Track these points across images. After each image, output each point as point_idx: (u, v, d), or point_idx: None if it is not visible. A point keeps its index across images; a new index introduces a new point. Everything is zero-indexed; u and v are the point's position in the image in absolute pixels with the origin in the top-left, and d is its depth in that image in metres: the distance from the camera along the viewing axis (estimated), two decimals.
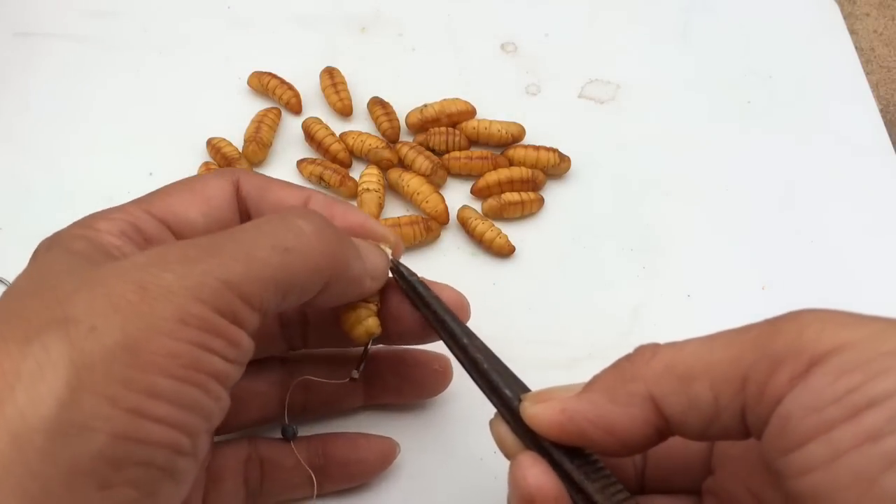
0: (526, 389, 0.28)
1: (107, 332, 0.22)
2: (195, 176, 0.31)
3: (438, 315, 0.31)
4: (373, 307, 0.31)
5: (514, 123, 0.46)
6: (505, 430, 0.28)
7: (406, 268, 0.32)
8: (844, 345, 0.21)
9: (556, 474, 0.26)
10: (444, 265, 0.42)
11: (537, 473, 0.26)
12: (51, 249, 0.26)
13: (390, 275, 0.32)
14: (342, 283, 0.28)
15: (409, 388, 0.36)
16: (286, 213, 0.27)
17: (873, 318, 0.22)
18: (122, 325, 0.22)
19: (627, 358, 0.25)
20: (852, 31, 0.56)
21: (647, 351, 0.25)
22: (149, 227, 0.28)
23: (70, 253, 0.26)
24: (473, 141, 0.46)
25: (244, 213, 0.30)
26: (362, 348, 0.32)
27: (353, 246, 0.29)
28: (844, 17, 0.55)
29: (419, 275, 0.32)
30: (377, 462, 0.35)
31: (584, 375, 0.27)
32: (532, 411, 0.26)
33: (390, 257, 0.31)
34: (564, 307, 0.41)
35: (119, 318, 0.22)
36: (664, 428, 0.24)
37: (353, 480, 0.35)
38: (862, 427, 0.20)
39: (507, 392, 0.28)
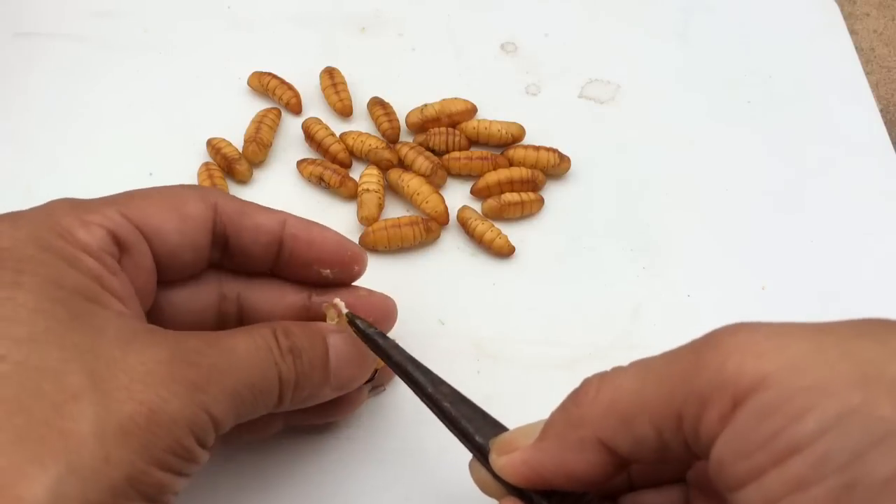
0: (499, 428, 0.29)
1: (118, 466, 0.23)
2: (172, 187, 0.30)
3: (401, 365, 0.30)
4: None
5: (514, 123, 0.46)
6: (483, 473, 0.28)
7: (363, 321, 0.32)
8: (765, 380, 0.21)
9: None
10: (444, 265, 0.42)
11: None
12: (30, 272, 0.25)
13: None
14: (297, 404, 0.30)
15: (328, 408, 0.35)
16: (273, 349, 0.28)
17: (795, 336, 0.22)
18: (131, 459, 0.23)
19: (573, 397, 0.26)
20: (852, 31, 0.56)
21: (590, 389, 0.25)
22: (126, 234, 0.28)
23: (62, 294, 0.25)
24: (473, 141, 0.46)
25: (220, 235, 0.31)
26: None
27: (320, 380, 0.30)
28: (844, 17, 0.55)
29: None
30: (348, 405, 0.35)
31: (584, 375, 0.26)
32: (499, 464, 0.27)
33: (345, 312, 0.32)
34: (564, 307, 0.41)
35: (129, 448, 0.23)
36: (621, 462, 0.25)
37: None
38: (789, 475, 0.20)
39: (479, 439, 0.28)
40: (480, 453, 0.28)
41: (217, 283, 0.32)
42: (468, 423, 0.28)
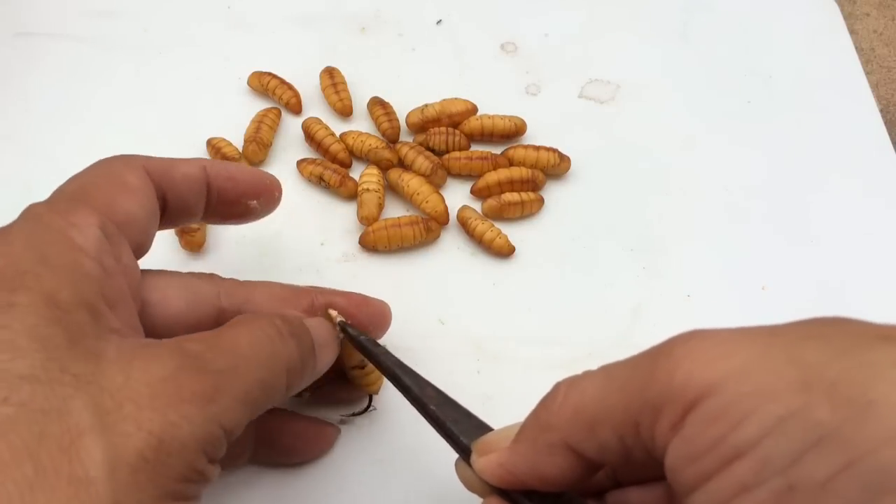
0: (484, 429, 0.29)
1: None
2: (103, 165, 0.30)
3: (389, 370, 0.31)
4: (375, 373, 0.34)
5: (516, 116, 0.47)
6: (469, 472, 0.29)
7: (353, 328, 0.32)
8: (711, 387, 0.21)
9: None
10: (444, 265, 0.42)
11: None
12: (25, 289, 0.24)
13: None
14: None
15: (296, 451, 0.36)
16: (275, 335, 0.28)
17: (744, 341, 0.22)
18: (141, 499, 0.22)
19: (543, 402, 0.26)
20: (852, 31, 0.56)
21: (558, 394, 0.26)
22: (110, 232, 0.27)
23: (59, 313, 0.24)
24: (477, 137, 0.46)
25: (158, 194, 0.30)
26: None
27: (313, 361, 0.30)
28: (844, 17, 0.55)
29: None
30: (317, 449, 0.35)
31: None
32: (478, 465, 0.27)
33: (338, 320, 0.32)
34: (564, 307, 0.41)
35: (139, 488, 0.22)
36: (591, 465, 0.25)
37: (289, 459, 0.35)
38: (734, 478, 0.21)
39: (463, 440, 0.29)
40: (465, 454, 0.29)
41: (216, 296, 0.32)
42: (453, 424, 0.29)
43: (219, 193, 0.32)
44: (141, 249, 0.29)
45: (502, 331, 0.40)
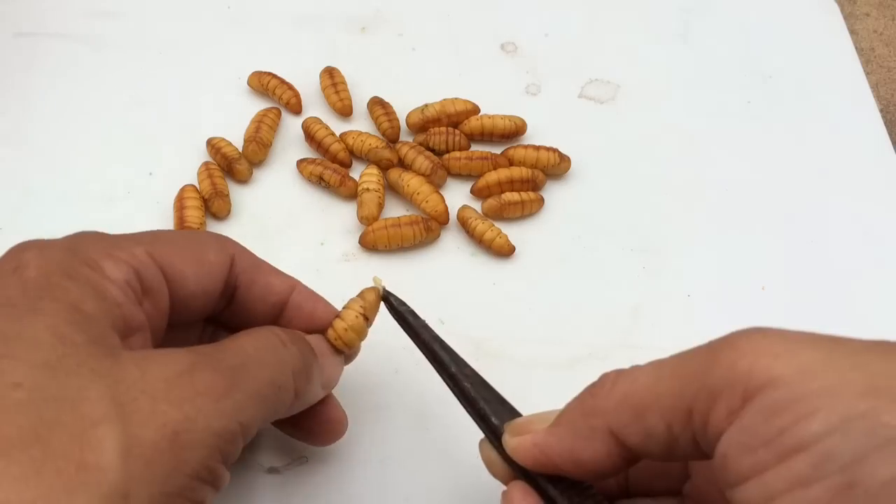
0: (515, 414, 0.29)
1: (138, 499, 0.22)
2: (195, 233, 0.31)
3: (428, 344, 0.31)
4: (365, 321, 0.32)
5: (516, 116, 0.47)
6: (493, 454, 0.29)
7: (396, 298, 0.33)
8: (775, 380, 0.22)
9: (543, 501, 0.27)
10: (444, 265, 0.42)
11: None
12: (51, 298, 0.25)
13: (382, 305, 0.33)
14: (301, 403, 0.30)
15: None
16: (277, 342, 0.28)
17: (808, 343, 0.22)
18: (151, 494, 0.22)
19: (590, 389, 0.26)
20: (852, 31, 0.56)
21: (607, 381, 0.26)
22: (150, 275, 0.28)
23: (81, 318, 0.25)
24: (478, 136, 0.46)
25: (231, 286, 0.31)
26: None
27: (318, 368, 0.30)
28: (844, 17, 0.55)
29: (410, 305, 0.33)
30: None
31: (584, 375, 0.27)
32: (511, 444, 0.28)
33: (382, 286, 0.32)
34: (564, 307, 0.41)
35: (151, 481, 0.22)
36: (630, 455, 0.25)
37: None
38: (792, 472, 0.21)
39: (494, 420, 0.29)
40: (494, 435, 0.29)
41: (201, 324, 0.32)
42: (486, 404, 0.29)
43: (290, 321, 0.32)
44: (180, 316, 0.30)
45: (502, 331, 0.40)
